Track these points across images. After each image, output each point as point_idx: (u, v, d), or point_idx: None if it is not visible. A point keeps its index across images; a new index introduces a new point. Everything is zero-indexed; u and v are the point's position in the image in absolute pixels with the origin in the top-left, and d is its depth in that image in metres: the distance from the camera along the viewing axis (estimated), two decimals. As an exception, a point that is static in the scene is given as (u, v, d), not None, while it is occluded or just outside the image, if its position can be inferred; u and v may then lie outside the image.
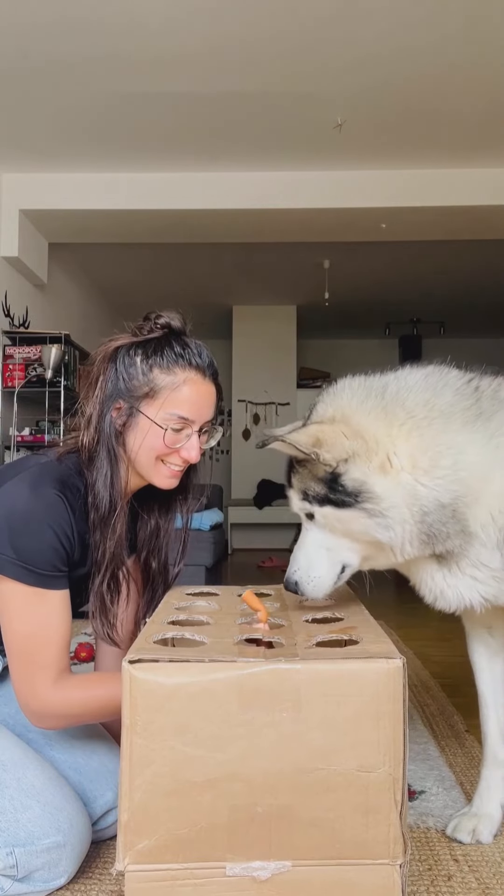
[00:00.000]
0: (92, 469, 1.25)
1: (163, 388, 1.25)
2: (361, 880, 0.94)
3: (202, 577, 3.77)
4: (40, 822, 1.13)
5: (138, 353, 1.26)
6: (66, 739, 1.34)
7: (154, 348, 1.26)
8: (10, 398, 4.50)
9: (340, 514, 1.16)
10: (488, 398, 1.21)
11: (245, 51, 3.26)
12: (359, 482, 1.14)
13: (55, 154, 4.30)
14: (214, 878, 0.93)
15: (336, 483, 1.15)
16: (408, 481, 1.14)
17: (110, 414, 1.25)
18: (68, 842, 1.14)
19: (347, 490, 1.14)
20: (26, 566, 1.16)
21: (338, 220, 4.78)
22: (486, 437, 1.16)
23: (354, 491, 1.14)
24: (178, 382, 1.25)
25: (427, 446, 1.15)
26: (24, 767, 1.18)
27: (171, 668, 0.93)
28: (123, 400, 1.26)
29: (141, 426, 1.25)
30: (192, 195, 4.57)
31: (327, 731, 0.93)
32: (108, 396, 1.25)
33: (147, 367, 1.25)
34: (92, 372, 1.28)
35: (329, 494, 1.16)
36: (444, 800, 1.54)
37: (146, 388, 1.25)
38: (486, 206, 4.53)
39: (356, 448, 1.14)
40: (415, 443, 1.16)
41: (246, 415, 8.08)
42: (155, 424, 1.25)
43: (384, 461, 1.15)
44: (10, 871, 1.11)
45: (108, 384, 1.26)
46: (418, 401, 1.19)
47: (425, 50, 3.25)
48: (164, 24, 3.06)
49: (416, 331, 8.68)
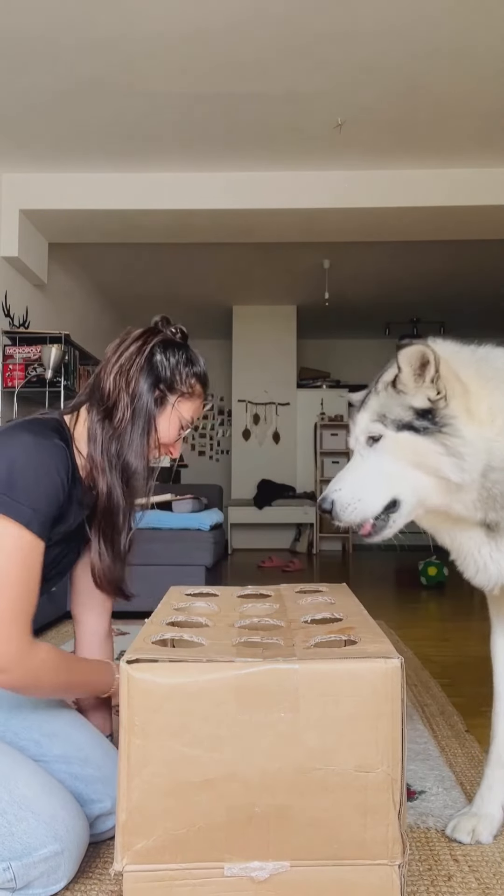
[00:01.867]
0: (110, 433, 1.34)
1: (195, 395, 1.42)
2: (360, 881, 0.94)
3: (202, 577, 3.77)
4: (36, 832, 1.11)
5: (179, 355, 1.40)
6: (59, 746, 1.31)
7: (189, 358, 1.42)
8: (10, 398, 4.50)
9: (419, 442, 1.19)
10: None
11: (245, 51, 3.26)
12: (450, 418, 1.18)
13: (55, 154, 4.30)
14: (212, 879, 0.93)
15: (428, 413, 1.19)
16: (486, 434, 1.19)
17: (151, 395, 1.36)
18: (66, 848, 1.13)
19: (436, 422, 1.18)
20: (35, 511, 1.18)
21: (338, 220, 4.78)
22: None
23: (443, 423, 1.18)
24: (202, 395, 1.45)
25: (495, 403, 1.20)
26: (15, 778, 1.16)
27: (169, 669, 0.92)
28: (160, 388, 1.37)
29: (167, 415, 1.39)
30: (192, 195, 4.57)
31: (325, 731, 0.93)
32: (153, 379, 1.37)
33: (189, 372, 1.40)
34: (126, 350, 1.38)
35: (414, 421, 1.19)
36: (444, 800, 1.54)
37: (186, 388, 1.40)
38: (486, 206, 4.52)
39: (459, 389, 1.20)
40: (497, 400, 1.21)
41: (246, 415, 8.08)
42: (178, 420, 1.40)
43: (472, 409, 1.20)
44: (8, 884, 1.10)
45: (150, 368, 1.37)
46: (502, 364, 1.25)
47: (425, 50, 3.25)
48: (165, 24, 3.06)
49: (416, 331, 8.68)
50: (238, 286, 7.19)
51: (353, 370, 9.12)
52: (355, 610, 1.24)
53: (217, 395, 9.31)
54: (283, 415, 8.10)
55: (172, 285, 6.94)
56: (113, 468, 1.35)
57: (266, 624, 1.15)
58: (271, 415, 8.10)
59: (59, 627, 3.22)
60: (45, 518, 1.20)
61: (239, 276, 6.82)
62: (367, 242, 5.39)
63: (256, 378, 8.06)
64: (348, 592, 1.37)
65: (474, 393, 1.21)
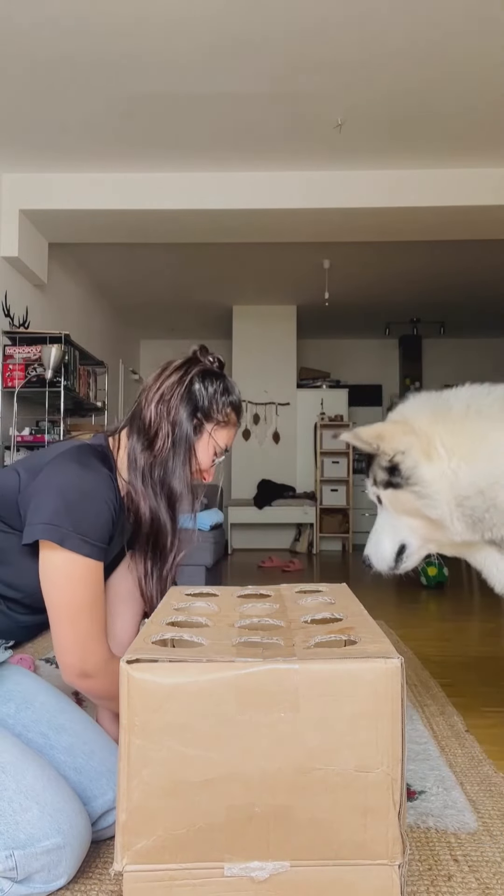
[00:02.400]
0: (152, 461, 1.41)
1: (228, 424, 1.49)
2: (360, 881, 0.94)
3: (202, 577, 3.77)
4: (40, 823, 1.13)
5: (217, 385, 1.46)
6: (66, 740, 1.34)
7: (226, 387, 1.47)
8: (10, 398, 4.50)
9: (399, 495, 1.42)
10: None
11: (245, 51, 3.26)
12: (410, 469, 1.39)
13: (55, 154, 4.30)
14: (212, 879, 0.93)
15: (395, 470, 1.42)
16: (445, 471, 1.36)
17: (190, 423, 1.43)
18: (68, 843, 1.14)
19: (403, 475, 1.41)
20: (86, 539, 1.27)
21: (338, 220, 4.78)
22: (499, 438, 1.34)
23: (407, 476, 1.40)
24: (236, 423, 1.51)
25: (466, 439, 1.37)
26: (24, 769, 1.18)
27: (169, 669, 0.92)
28: (197, 417, 1.44)
29: (203, 442, 1.45)
30: (192, 195, 4.57)
31: (325, 731, 0.93)
32: (191, 408, 1.43)
33: (226, 402, 1.47)
34: (168, 379, 1.44)
35: (390, 479, 1.43)
36: (444, 800, 1.54)
37: (222, 417, 1.46)
38: (486, 206, 4.53)
39: (411, 442, 1.40)
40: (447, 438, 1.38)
41: (246, 415, 8.08)
42: (213, 447, 1.46)
43: (431, 451, 1.39)
44: (9, 873, 1.11)
45: (189, 397, 1.43)
46: (462, 403, 1.44)
47: (425, 50, 3.25)
48: (165, 24, 3.06)
49: (416, 331, 8.68)
50: (238, 286, 7.19)
51: (353, 370, 9.12)
52: (355, 610, 1.23)
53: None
54: (283, 415, 8.10)
55: (172, 285, 6.94)
56: (157, 495, 1.42)
57: (266, 624, 1.15)
58: (271, 415, 8.10)
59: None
60: (102, 543, 1.31)
61: (239, 276, 6.82)
62: (367, 242, 5.39)
63: (256, 378, 8.06)
64: (348, 592, 1.37)
65: (430, 437, 1.39)
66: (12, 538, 1.34)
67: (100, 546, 1.30)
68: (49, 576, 1.29)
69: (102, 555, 1.31)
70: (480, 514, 1.33)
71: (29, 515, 1.29)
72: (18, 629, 1.43)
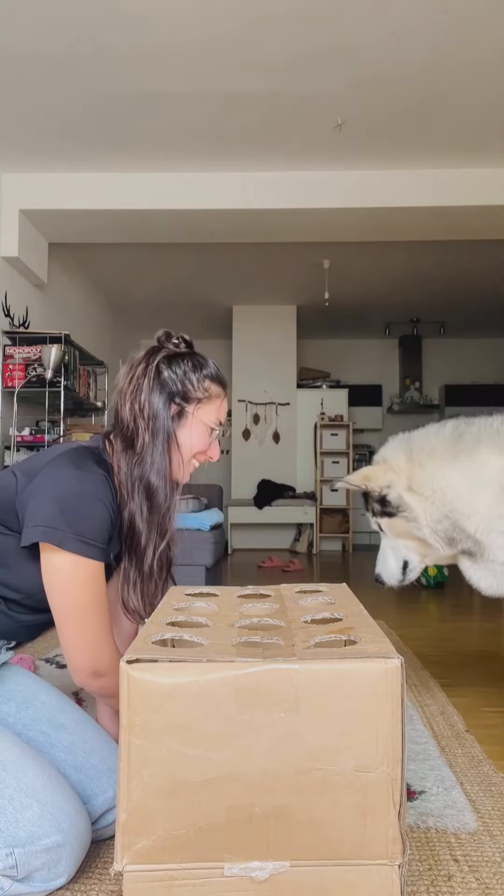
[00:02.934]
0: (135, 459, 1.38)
1: (213, 396, 1.44)
2: (360, 881, 0.94)
3: (202, 576, 3.78)
4: (40, 821, 1.13)
5: (186, 364, 1.42)
6: (66, 738, 1.34)
7: (196, 363, 1.43)
8: (10, 398, 4.50)
9: (393, 522, 1.74)
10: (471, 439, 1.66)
11: (245, 51, 3.26)
12: (398, 499, 1.72)
13: (55, 154, 4.30)
14: (212, 879, 0.93)
15: (385, 501, 1.74)
16: (423, 502, 1.68)
17: (168, 412, 1.39)
18: (68, 841, 1.14)
19: (392, 505, 1.73)
20: (84, 540, 1.26)
21: (338, 220, 4.78)
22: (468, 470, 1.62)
23: (396, 505, 1.72)
24: (221, 394, 1.46)
25: (427, 476, 1.67)
26: (24, 767, 1.18)
27: (169, 669, 0.92)
28: (175, 402, 1.40)
29: (189, 426, 1.41)
30: (191, 195, 4.57)
31: (325, 731, 0.93)
32: (166, 396, 1.39)
33: (201, 377, 1.42)
34: (134, 374, 1.40)
35: (384, 509, 1.75)
36: (444, 800, 1.54)
37: (201, 394, 1.42)
38: (486, 206, 4.53)
39: (392, 478, 1.72)
40: (420, 474, 1.68)
41: (246, 415, 8.08)
42: (203, 426, 1.43)
43: (409, 485, 1.70)
44: (9, 871, 1.11)
45: (160, 386, 1.39)
46: (423, 444, 1.72)
47: (426, 50, 3.25)
48: (165, 23, 3.06)
49: (416, 331, 8.69)
50: (238, 286, 7.19)
51: (353, 370, 9.12)
52: (355, 610, 1.23)
53: (217, 395, 9.32)
54: (283, 415, 8.10)
55: (172, 285, 6.94)
56: (136, 491, 1.38)
57: (266, 624, 1.15)
58: (271, 415, 8.10)
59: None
60: (102, 543, 1.30)
61: (239, 276, 6.82)
62: (367, 242, 5.39)
63: (256, 378, 8.06)
64: (348, 592, 1.37)
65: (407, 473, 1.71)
66: (11, 540, 1.34)
67: (99, 546, 1.29)
68: (52, 579, 1.29)
69: (103, 555, 1.31)
70: (451, 535, 1.66)
71: (27, 518, 1.29)
72: (20, 629, 1.43)
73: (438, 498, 1.64)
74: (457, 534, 1.65)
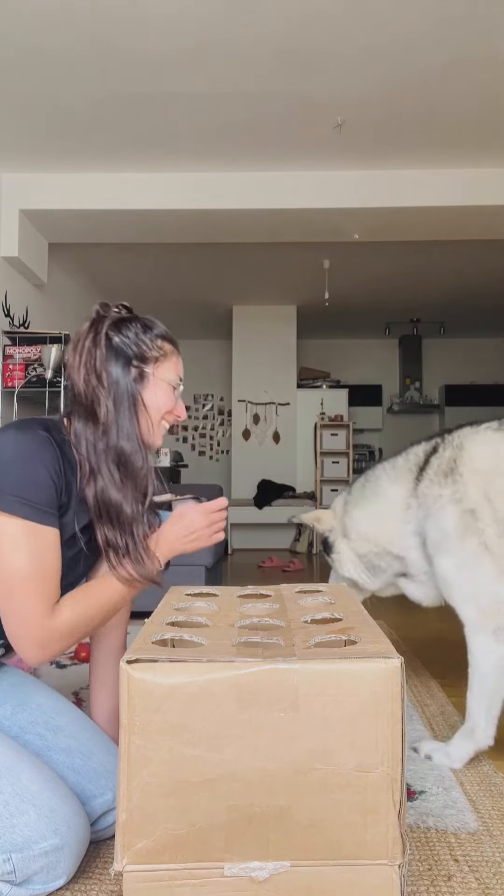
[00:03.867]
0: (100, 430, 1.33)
1: (168, 354, 1.42)
2: (360, 881, 0.94)
3: (202, 576, 3.77)
4: (37, 826, 1.12)
5: (135, 326, 1.39)
6: (63, 741, 1.33)
7: (145, 324, 1.41)
8: (10, 398, 4.50)
9: (334, 557, 2.05)
10: (374, 480, 1.96)
11: (245, 51, 3.26)
12: (333, 541, 2.04)
13: (55, 154, 4.30)
14: (212, 879, 0.93)
15: (327, 543, 2.06)
16: (350, 543, 2.00)
17: (129, 376, 1.35)
18: (66, 844, 1.14)
19: (333, 546, 2.04)
20: (23, 500, 1.20)
21: (338, 220, 4.78)
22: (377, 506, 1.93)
23: (334, 545, 2.04)
24: (174, 352, 1.44)
25: (353, 522, 1.99)
26: (19, 771, 1.18)
27: (169, 668, 0.92)
28: (134, 365, 1.37)
29: (152, 386, 1.39)
30: (191, 195, 4.57)
31: (325, 731, 0.93)
32: (123, 361, 1.36)
33: (153, 336, 1.40)
34: (84, 346, 1.35)
35: (325, 550, 2.08)
36: (444, 800, 1.54)
37: (156, 353, 1.39)
38: (486, 206, 4.53)
39: (333, 524, 2.04)
40: (349, 522, 2.00)
41: (246, 415, 8.08)
42: (165, 384, 1.40)
43: (343, 531, 2.02)
44: (8, 876, 1.11)
45: (115, 353, 1.35)
46: (351, 496, 2.03)
47: (425, 49, 3.25)
48: (165, 23, 3.06)
49: (416, 331, 8.69)
50: (238, 286, 7.19)
51: (353, 370, 9.12)
52: (355, 610, 1.24)
53: (217, 395, 9.31)
54: (283, 415, 8.10)
55: (172, 285, 6.93)
56: (105, 461, 1.32)
57: (266, 624, 1.16)
58: (271, 415, 8.10)
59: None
60: (41, 505, 1.22)
61: (239, 276, 6.82)
62: (367, 242, 5.39)
63: (256, 378, 8.05)
64: (348, 592, 1.37)
65: (342, 522, 2.01)
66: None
67: (42, 509, 1.21)
68: None
69: (47, 519, 1.22)
70: (374, 563, 1.96)
71: None
72: None
73: (362, 538, 1.95)
74: (383, 561, 1.94)
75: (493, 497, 1.67)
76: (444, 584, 1.78)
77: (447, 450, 1.79)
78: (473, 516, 1.68)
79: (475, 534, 1.67)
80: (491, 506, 1.67)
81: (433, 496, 1.76)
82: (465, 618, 1.73)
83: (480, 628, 1.69)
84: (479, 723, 1.70)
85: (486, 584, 1.68)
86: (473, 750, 1.72)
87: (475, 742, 1.71)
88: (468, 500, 1.69)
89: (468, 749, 1.72)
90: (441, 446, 1.82)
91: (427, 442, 1.89)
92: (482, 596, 1.68)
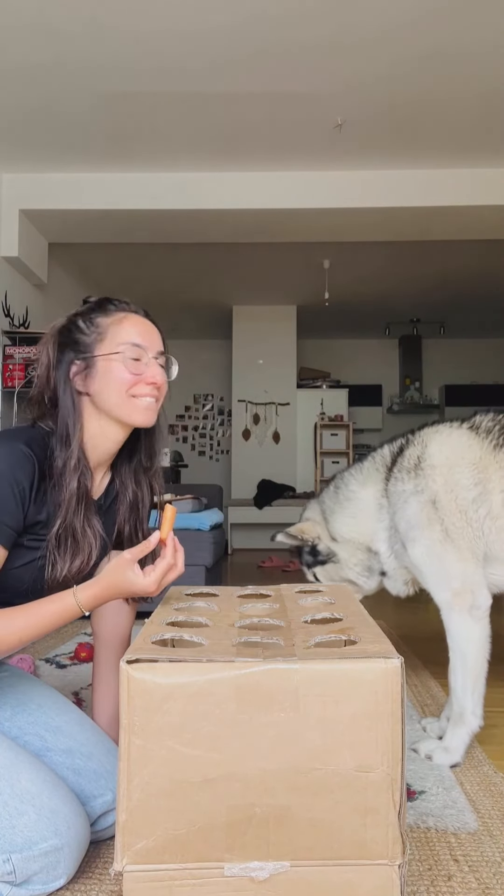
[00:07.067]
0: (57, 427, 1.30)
1: (108, 326, 1.32)
2: (360, 881, 0.94)
3: (202, 576, 3.77)
4: (36, 826, 1.12)
5: (72, 324, 1.35)
6: (63, 742, 1.33)
7: (89, 309, 1.36)
8: (10, 398, 4.50)
9: (324, 569, 2.07)
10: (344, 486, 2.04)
11: (245, 51, 3.26)
12: (326, 549, 2.06)
13: (55, 154, 4.30)
14: (212, 879, 0.93)
15: (316, 552, 2.07)
16: (338, 546, 2.04)
17: (67, 372, 1.31)
18: (66, 844, 1.14)
19: (323, 554, 2.06)
20: None
21: (338, 220, 4.78)
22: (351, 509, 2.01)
23: (326, 553, 2.06)
24: (119, 318, 1.34)
25: (335, 527, 2.04)
26: (18, 772, 1.18)
27: (169, 669, 0.92)
28: (77, 357, 1.31)
29: (101, 368, 1.30)
30: (192, 195, 4.57)
31: (325, 731, 0.93)
32: (60, 360, 1.31)
33: (90, 321, 1.33)
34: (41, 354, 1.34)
35: (315, 559, 2.08)
36: (444, 800, 1.54)
37: (94, 334, 1.32)
38: (486, 206, 4.53)
39: (318, 531, 2.08)
40: (332, 527, 2.05)
41: (246, 415, 8.08)
42: (112, 356, 1.30)
43: (331, 535, 2.05)
44: (7, 877, 1.11)
45: (57, 352, 1.32)
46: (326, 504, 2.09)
47: (425, 49, 3.25)
48: (164, 23, 3.06)
49: (416, 331, 8.68)
50: (238, 286, 7.19)
51: (353, 370, 9.12)
52: (355, 610, 1.23)
53: (217, 395, 9.31)
54: (283, 415, 8.10)
55: (172, 285, 6.93)
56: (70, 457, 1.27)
57: (266, 624, 1.15)
58: (271, 415, 8.10)
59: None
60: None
61: (239, 276, 6.81)
62: (367, 242, 5.39)
63: (256, 378, 8.05)
64: (348, 592, 1.37)
65: (325, 528, 2.06)
66: None
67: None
68: None
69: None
70: (365, 564, 2.01)
71: None
72: None
73: (348, 540, 2.02)
74: (372, 561, 2.00)
75: (451, 488, 1.79)
76: (418, 571, 1.87)
77: (412, 448, 1.90)
78: (434, 506, 1.79)
79: (437, 522, 1.79)
80: (449, 496, 1.79)
81: (399, 492, 1.88)
82: (440, 601, 1.83)
83: (456, 609, 1.79)
84: (467, 705, 1.75)
85: (455, 567, 1.78)
86: (467, 734, 1.75)
87: (467, 725, 1.75)
88: (429, 492, 1.81)
89: (462, 736, 1.75)
90: (406, 446, 1.93)
91: (392, 443, 2.00)
92: (453, 578, 1.78)
